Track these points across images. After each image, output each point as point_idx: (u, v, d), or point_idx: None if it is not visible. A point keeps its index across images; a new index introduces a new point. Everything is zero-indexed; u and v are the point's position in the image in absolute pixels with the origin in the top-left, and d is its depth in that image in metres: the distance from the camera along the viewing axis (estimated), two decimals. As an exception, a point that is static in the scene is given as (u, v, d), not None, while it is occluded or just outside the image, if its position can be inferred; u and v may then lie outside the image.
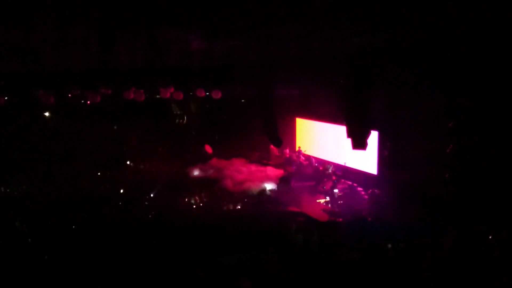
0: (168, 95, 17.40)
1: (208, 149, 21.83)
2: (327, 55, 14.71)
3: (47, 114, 20.20)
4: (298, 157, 19.22)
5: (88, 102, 16.93)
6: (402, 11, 8.26)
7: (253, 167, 19.53)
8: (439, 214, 12.01)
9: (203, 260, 9.05)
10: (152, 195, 16.13)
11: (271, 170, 18.84)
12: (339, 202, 15.41)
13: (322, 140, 19.10)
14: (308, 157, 18.99)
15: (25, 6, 7.20)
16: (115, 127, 21.42)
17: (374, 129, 13.86)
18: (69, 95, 16.89)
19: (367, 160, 15.89)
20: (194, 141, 22.47)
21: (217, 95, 17.66)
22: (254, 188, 17.05)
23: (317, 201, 15.89)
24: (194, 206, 15.45)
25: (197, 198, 16.05)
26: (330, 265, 2.97)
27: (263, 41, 13.46)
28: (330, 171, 16.72)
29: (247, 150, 21.41)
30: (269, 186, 17.37)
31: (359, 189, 16.23)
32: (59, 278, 9.59)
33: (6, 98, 15.76)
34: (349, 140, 12.19)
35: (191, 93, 18.17)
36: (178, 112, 23.02)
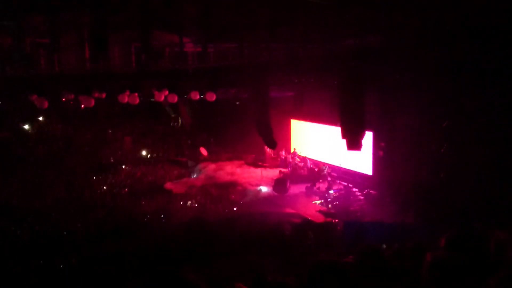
0: (162, 98, 17.33)
1: (203, 151, 21.81)
2: (322, 56, 14.73)
3: (41, 118, 20.12)
4: (293, 158, 19.23)
5: (82, 106, 16.82)
6: (396, 13, 8.31)
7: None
8: (434, 213, 12.04)
9: (197, 264, 9.03)
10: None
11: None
12: (334, 203, 15.42)
13: (317, 141, 19.13)
14: (303, 159, 19.01)
15: (18, 11, 7.19)
16: (110, 131, 21.37)
17: (369, 129, 13.91)
18: (63, 100, 16.77)
19: (362, 161, 15.93)
20: (189, 143, 22.48)
21: (211, 97, 17.61)
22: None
23: (313, 202, 15.89)
24: (189, 209, 15.39)
25: (193, 200, 16.00)
26: (326, 267, 2.97)
27: (257, 44, 13.48)
28: (325, 172, 16.74)
29: (242, 152, 21.41)
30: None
31: (355, 189, 16.27)
32: (55, 281, 9.56)
33: (0, 103, 15.65)
34: (344, 141, 12.20)
35: (185, 96, 18.10)
36: (173, 115, 23.01)
